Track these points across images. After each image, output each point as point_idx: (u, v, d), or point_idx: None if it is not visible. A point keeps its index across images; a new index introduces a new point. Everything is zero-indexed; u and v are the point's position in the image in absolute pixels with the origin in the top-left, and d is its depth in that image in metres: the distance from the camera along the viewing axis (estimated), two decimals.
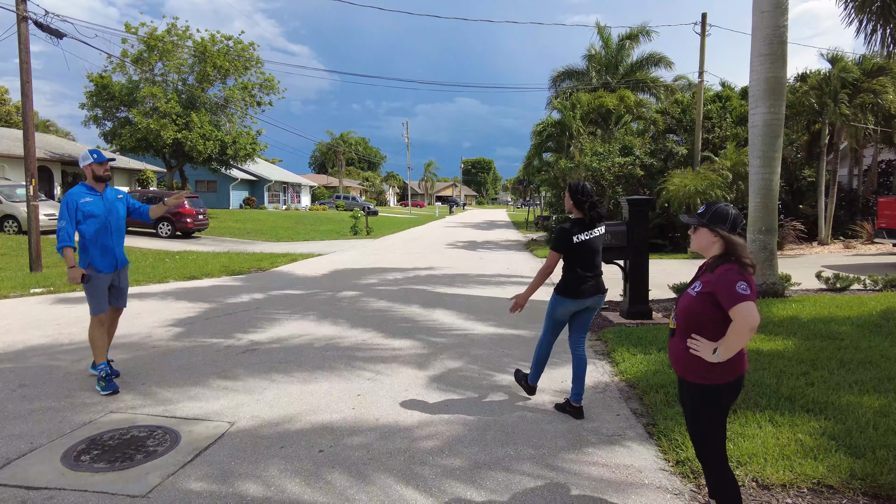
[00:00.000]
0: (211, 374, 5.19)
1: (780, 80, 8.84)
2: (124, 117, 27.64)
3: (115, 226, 4.94)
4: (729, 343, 2.42)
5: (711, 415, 2.60)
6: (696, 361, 2.55)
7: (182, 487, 3.14)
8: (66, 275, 4.75)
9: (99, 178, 4.88)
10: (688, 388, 2.65)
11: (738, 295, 2.40)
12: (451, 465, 3.43)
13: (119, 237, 4.99)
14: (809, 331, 6.41)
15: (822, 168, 18.17)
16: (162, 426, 3.95)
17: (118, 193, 5.10)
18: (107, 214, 4.86)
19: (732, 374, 2.55)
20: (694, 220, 2.65)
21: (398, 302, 8.95)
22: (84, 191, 4.88)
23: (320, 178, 71.72)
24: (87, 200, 4.81)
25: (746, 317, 2.36)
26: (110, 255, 4.87)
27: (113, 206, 4.95)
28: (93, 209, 4.80)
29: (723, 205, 2.63)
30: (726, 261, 2.54)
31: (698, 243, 2.67)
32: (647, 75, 26.85)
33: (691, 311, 2.58)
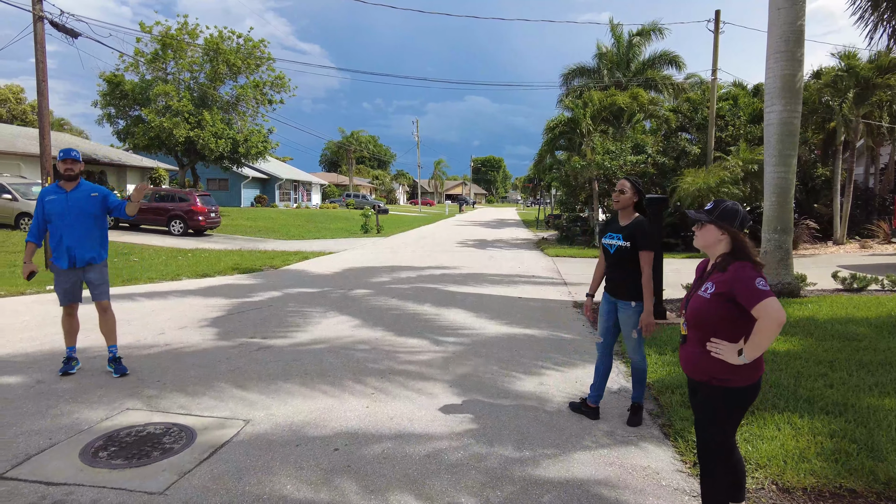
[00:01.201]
0: (225, 372, 5.21)
1: (796, 78, 8.73)
2: (137, 116, 27.86)
3: (73, 225, 4.98)
4: (756, 342, 2.35)
5: (727, 418, 2.55)
6: (717, 365, 2.49)
7: (198, 485, 3.15)
8: None
9: (62, 176, 4.98)
10: (707, 392, 2.57)
11: (761, 292, 2.34)
12: (466, 465, 3.42)
13: (80, 235, 5.00)
14: (826, 331, 6.32)
15: (838, 166, 17.96)
16: (177, 424, 3.97)
17: (93, 191, 5.11)
18: (65, 213, 4.94)
19: (754, 376, 2.50)
20: (702, 216, 2.60)
21: (410, 301, 8.94)
22: (51, 189, 5.05)
23: (331, 176, 71.93)
24: (51, 199, 4.98)
25: (773, 313, 2.30)
26: (66, 252, 4.98)
27: (76, 205, 5.00)
28: (52, 208, 4.96)
29: (731, 202, 2.58)
30: (736, 258, 2.48)
31: (704, 240, 2.61)
32: (659, 73, 26.66)
33: (707, 314, 2.51)
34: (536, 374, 5.23)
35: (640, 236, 3.83)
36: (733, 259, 2.49)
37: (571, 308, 8.41)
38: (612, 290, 4.05)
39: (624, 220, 3.99)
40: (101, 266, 5.17)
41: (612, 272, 4.03)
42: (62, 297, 5.09)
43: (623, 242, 3.89)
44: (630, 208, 3.95)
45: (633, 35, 27.29)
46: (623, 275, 3.93)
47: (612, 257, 4.00)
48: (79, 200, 5.03)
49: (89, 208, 5.07)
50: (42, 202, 4.97)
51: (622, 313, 3.97)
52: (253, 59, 29.03)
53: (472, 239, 23.21)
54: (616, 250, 3.94)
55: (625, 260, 3.90)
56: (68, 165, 4.94)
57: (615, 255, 3.96)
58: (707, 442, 2.60)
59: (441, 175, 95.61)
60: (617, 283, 3.99)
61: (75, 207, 5.00)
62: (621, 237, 3.91)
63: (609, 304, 4.09)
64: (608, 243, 4.01)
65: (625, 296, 3.92)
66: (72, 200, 5.00)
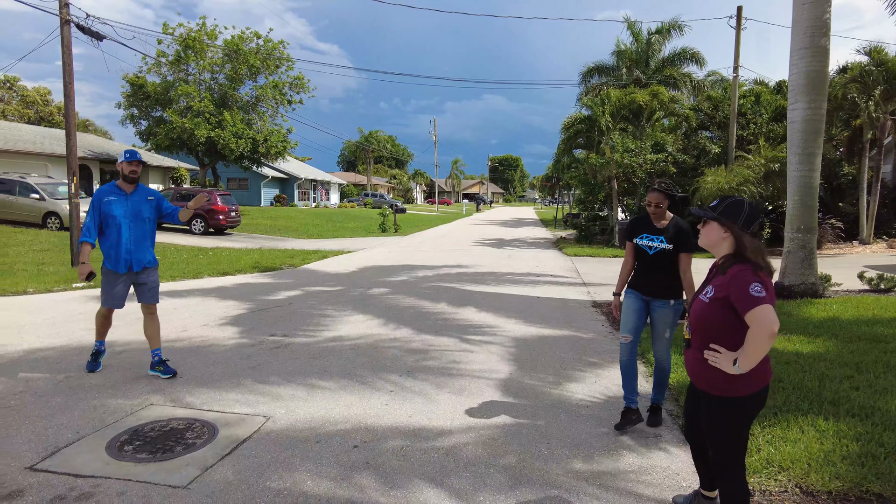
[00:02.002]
0: (246, 368, 5.28)
1: (821, 75, 8.57)
2: (159, 116, 28.35)
3: (134, 228, 4.91)
4: (748, 352, 2.21)
5: (733, 428, 2.42)
6: (717, 373, 2.37)
7: (220, 480, 3.20)
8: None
9: (125, 178, 4.89)
10: (709, 400, 2.47)
11: (753, 298, 2.20)
12: (485, 466, 3.42)
13: (140, 239, 4.95)
14: (852, 333, 6.20)
15: (865, 165, 17.58)
16: (200, 419, 4.04)
17: (149, 195, 5.07)
18: (126, 216, 4.86)
19: (757, 385, 2.36)
20: (706, 212, 2.45)
21: (428, 299, 8.97)
22: (108, 190, 4.91)
23: (349, 175, 72.38)
24: (111, 200, 4.85)
25: (763, 322, 2.16)
26: (124, 256, 4.88)
27: (137, 207, 4.94)
28: (112, 209, 4.83)
29: (739, 198, 2.44)
30: (738, 261, 2.34)
31: (707, 239, 2.46)
32: (679, 71, 26.33)
33: (706, 319, 2.40)
34: (555, 374, 5.21)
35: (683, 238, 3.81)
36: (735, 261, 2.35)
37: (590, 308, 8.36)
38: (647, 290, 3.95)
39: (659, 220, 3.93)
40: (154, 270, 5.13)
41: (650, 273, 3.94)
42: (109, 301, 5.00)
43: (666, 245, 3.84)
44: (662, 208, 3.92)
45: (651, 33, 27.00)
46: (663, 275, 3.88)
47: (650, 258, 3.92)
48: (138, 203, 4.96)
49: (147, 212, 5.01)
50: (99, 203, 4.82)
51: (659, 312, 3.90)
52: (272, 59, 29.36)
53: (489, 238, 23.18)
54: (657, 252, 3.88)
55: (665, 261, 3.86)
56: (134, 167, 4.87)
57: (655, 256, 3.89)
58: (719, 455, 2.49)
59: (458, 174, 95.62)
60: (655, 282, 3.91)
61: (135, 210, 4.93)
62: (664, 239, 3.85)
63: (640, 302, 3.98)
64: (646, 245, 3.93)
65: (664, 294, 3.87)
66: (132, 203, 4.92)
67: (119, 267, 4.89)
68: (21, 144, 24.03)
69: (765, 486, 3.13)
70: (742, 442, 2.46)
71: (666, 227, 3.88)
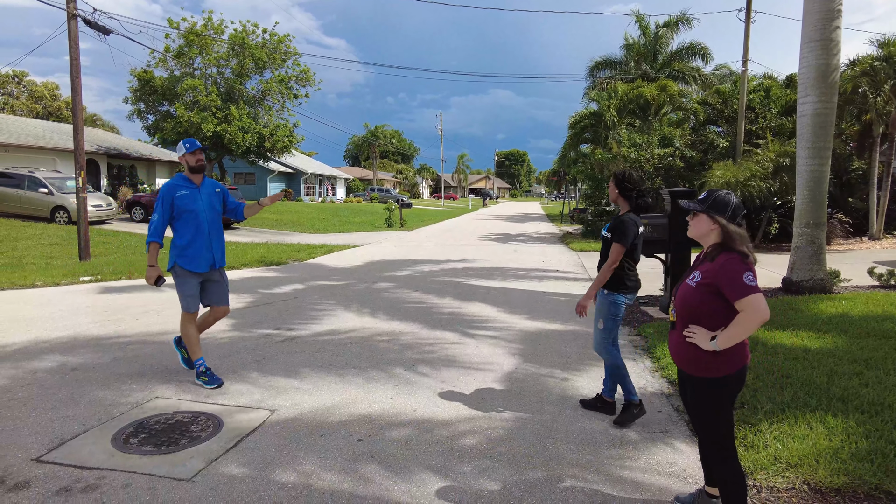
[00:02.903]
0: (251, 362, 5.29)
1: (831, 68, 8.46)
2: (166, 111, 28.42)
3: (212, 221, 4.60)
4: (731, 333, 2.36)
5: (717, 407, 2.53)
6: (699, 353, 2.49)
7: (225, 473, 3.20)
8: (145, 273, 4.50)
9: (193, 169, 4.54)
10: (690, 381, 2.59)
11: (747, 286, 2.33)
12: (489, 460, 3.41)
13: (216, 234, 4.64)
14: (862, 329, 6.14)
15: (875, 159, 17.39)
16: (205, 412, 4.04)
17: (216, 187, 4.74)
18: (202, 209, 4.53)
19: (735, 366, 2.48)
20: (694, 205, 2.57)
21: (434, 294, 8.96)
22: (180, 183, 4.54)
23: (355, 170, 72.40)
24: (183, 193, 4.49)
25: (757, 309, 2.30)
26: (204, 253, 4.53)
27: (208, 200, 4.60)
28: (188, 203, 4.48)
29: (724, 192, 2.55)
30: (725, 250, 2.46)
31: (697, 230, 2.58)
32: (687, 65, 26.12)
33: (690, 303, 2.51)
34: (561, 368, 5.19)
35: (616, 229, 3.90)
36: (723, 250, 2.47)
37: None
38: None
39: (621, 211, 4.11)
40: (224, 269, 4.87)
41: (600, 262, 4.11)
42: (192, 303, 4.59)
43: (605, 233, 3.99)
44: (622, 201, 4.03)
45: (659, 26, 26.79)
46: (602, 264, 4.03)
47: (602, 247, 4.09)
48: (209, 196, 4.63)
49: (217, 205, 4.70)
50: (171, 197, 4.44)
51: (598, 301, 4.05)
52: (278, 53, 29.36)
53: (495, 233, 23.13)
54: (602, 240, 4.05)
55: (606, 250, 3.99)
56: (199, 156, 4.54)
57: (602, 245, 4.07)
58: (707, 436, 2.60)
59: (464, 169, 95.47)
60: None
61: (209, 203, 4.61)
62: (606, 228, 4.02)
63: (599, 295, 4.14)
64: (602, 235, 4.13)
65: (605, 286, 3.99)
66: (204, 195, 4.59)
67: (201, 265, 4.53)
68: (29, 139, 24.16)
69: (772, 482, 3.10)
70: (728, 422, 2.55)
71: (614, 219, 4.02)
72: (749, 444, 3.48)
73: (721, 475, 2.57)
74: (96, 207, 19.16)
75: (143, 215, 22.05)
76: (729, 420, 2.55)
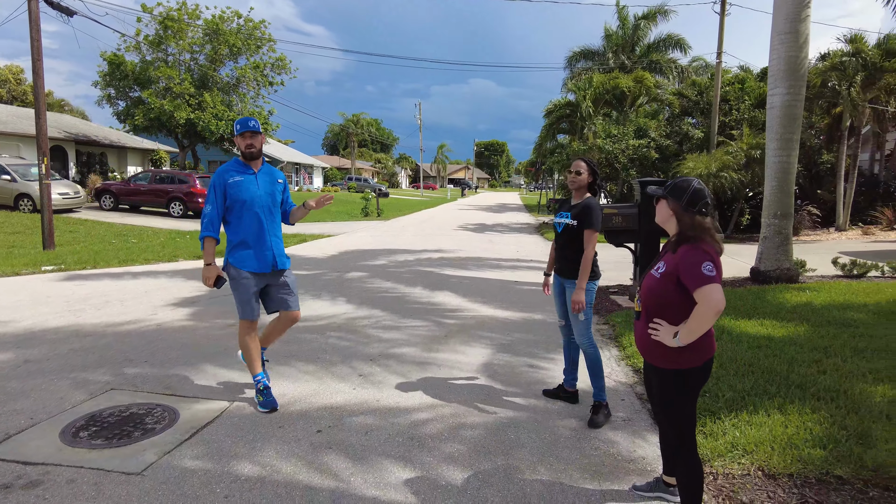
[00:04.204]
0: (213, 352, 5.18)
1: (800, 61, 8.56)
2: (137, 97, 27.68)
3: (270, 214, 3.95)
4: (691, 327, 2.31)
5: (680, 400, 2.50)
6: (661, 346, 2.46)
7: (177, 465, 3.12)
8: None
9: (244, 155, 3.90)
10: (655, 372, 2.56)
11: (703, 276, 2.27)
12: (451, 450, 3.38)
13: (275, 229, 3.99)
14: (823, 318, 6.26)
15: (843, 152, 17.73)
16: (161, 404, 3.94)
17: (278, 176, 4.07)
18: (259, 198, 3.87)
19: (699, 359, 2.44)
20: (657, 190, 2.54)
21: (405, 284, 8.90)
22: (234, 168, 3.90)
23: (332, 159, 71.66)
24: (237, 180, 3.84)
25: (711, 300, 2.24)
26: (263, 250, 3.88)
27: (267, 189, 3.94)
28: (242, 192, 3.82)
29: (687, 179, 2.49)
30: (685, 238, 2.42)
31: (660, 216, 2.56)
32: (664, 57, 26.32)
33: (654, 293, 2.47)
34: (529, 358, 5.18)
35: (587, 215, 3.77)
36: (683, 239, 2.43)
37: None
38: (560, 271, 3.99)
39: (577, 199, 3.93)
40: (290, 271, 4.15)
41: (559, 251, 4.01)
42: (247, 309, 3.89)
43: (570, 221, 3.83)
44: (584, 189, 3.89)
45: (638, 18, 26.91)
46: (569, 254, 3.89)
47: (560, 237, 3.95)
48: (268, 185, 3.96)
49: (277, 195, 4.02)
50: (223, 184, 3.81)
51: (568, 293, 3.92)
52: (253, 40, 28.76)
53: (472, 223, 23.12)
54: (564, 229, 3.89)
55: (571, 239, 3.85)
56: (248, 140, 3.85)
57: (563, 233, 3.91)
58: (671, 428, 2.56)
59: (444, 159, 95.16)
60: (564, 262, 3.94)
61: (268, 192, 3.93)
62: (569, 215, 3.86)
63: (559, 286, 4.04)
64: (557, 222, 3.98)
65: (571, 275, 3.87)
66: (263, 183, 3.93)
67: (262, 265, 3.87)
68: None
69: (728, 469, 3.13)
70: (690, 414, 2.53)
71: (577, 205, 3.88)
72: (708, 431, 3.51)
73: (679, 466, 2.56)
74: (63, 195, 18.64)
75: (113, 204, 21.55)
76: (691, 412, 2.52)
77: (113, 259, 10.78)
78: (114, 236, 15.41)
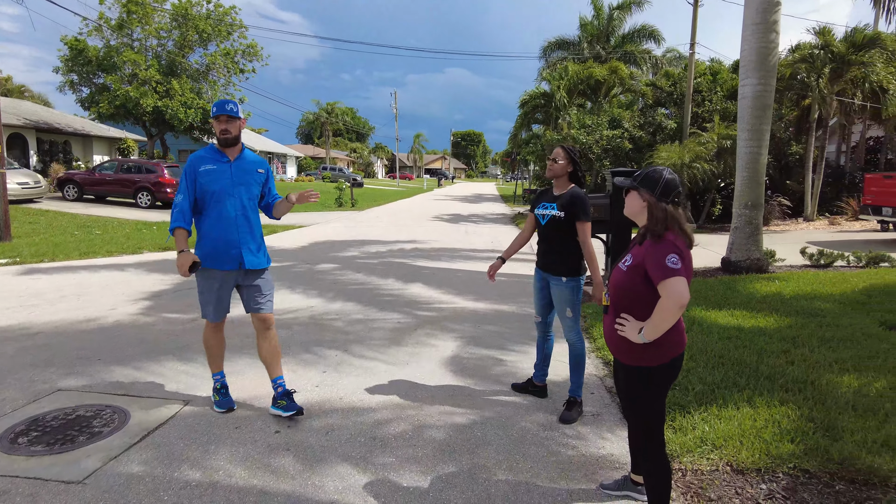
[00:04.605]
0: (172, 348, 4.97)
1: (771, 51, 8.58)
2: (102, 84, 26.77)
3: (241, 207, 3.56)
4: (655, 322, 2.20)
5: (648, 397, 2.39)
6: (627, 342, 2.36)
7: (123, 472, 2.94)
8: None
9: (220, 141, 3.55)
10: (623, 369, 2.45)
11: (668, 269, 2.17)
12: (415, 450, 3.26)
13: (246, 224, 3.58)
14: (792, 307, 6.29)
15: (811, 144, 18.02)
16: (112, 405, 3.74)
17: (259, 165, 3.68)
18: (228, 189, 3.51)
19: (666, 356, 2.33)
20: (627, 181, 2.42)
21: (377, 275, 8.73)
22: (206, 156, 3.56)
23: (307, 148, 70.65)
24: (209, 169, 3.51)
25: (673, 293, 2.14)
26: (229, 248, 3.51)
27: (244, 180, 3.58)
28: (210, 182, 3.48)
29: (657, 169, 2.38)
30: (653, 230, 2.30)
31: (630, 208, 2.42)
32: (638, 47, 26.41)
33: (622, 287, 2.37)
34: (498, 350, 5.09)
35: (578, 206, 3.56)
36: (651, 230, 2.32)
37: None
38: (543, 265, 3.77)
39: (559, 189, 3.71)
40: (267, 268, 3.77)
41: (542, 245, 3.78)
42: (213, 311, 3.61)
43: (557, 212, 3.60)
44: (564, 178, 3.68)
45: (613, 8, 26.93)
46: (555, 248, 3.68)
47: (544, 228, 3.72)
48: (245, 175, 3.59)
49: (255, 187, 3.63)
50: (195, 172, 3.49)
51: (554, 289, 3.71)
52: (224, 25, 28.02)
53: (447, 214, 22.97)
54: (549, 220, 3.66)
55: (558, 231, 3.63)
56: (223, 125, 3.49)
57: (547, 225, 3.68)
58: (639, 425, 2.46)
59: (420, 149, 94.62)
60: (548, 257, 3.73)
61: (238, 182, 3.56)
62: (555, 206, 3.63)
63: (541, 281, 3.84)
64: (541, 213, 3.75)
65: (557, 271, 3.67)
66: (237, 173, 3.57)
67: (224, 262, 3.53)
68: None
69: (697, 465, 3.07)
70: (659, 412, 2.43)
71: (561, 195, 3.67)
72: (678, 426, 3.45)
73: (646, 464, 2.48)
74: (21, 185, 17.96)
75: (77, 194, 20.85)
76: (660, 409, 2.42)
77: (73, 251, 10.38)
78: (77, 227, 14.87)
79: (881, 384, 4.07)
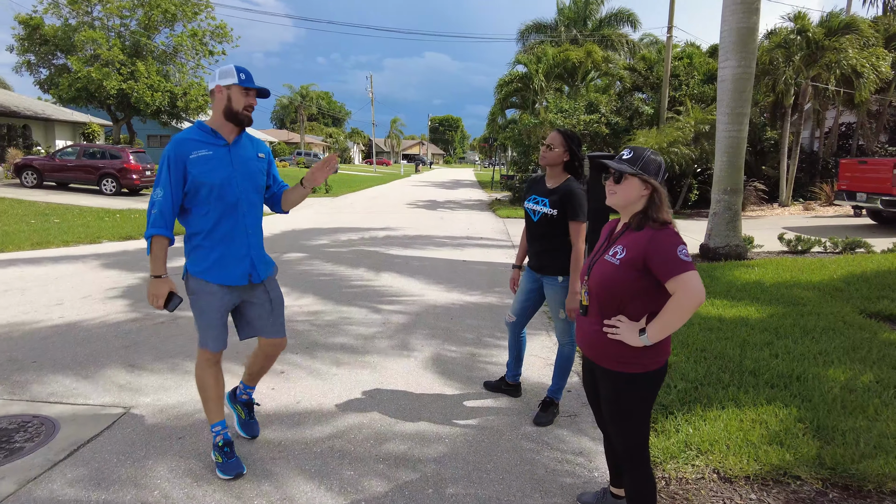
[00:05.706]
0: (118, 349, 4.58)
1: (751, 32, 8.37)
2: (62, 64, 25.62)
3: (250, 204, 2.81)
4: (666, 321, 1.93)
5: (636, 407, 2.10)
6: (618, 346, 2.05)
7: (42, 496, 2.59)
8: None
9: (235, 117, 2.72)
10: (606, 376, 2.13)
11: (681, 262, 1.90)
12: (376, 462, 2.97)
13: (255, 223, 2.86)
14: (772, 296, 6.14)
15: (786, 129, 18.03)
16: (40, 415, 3.37)
17: (259, 150, 2.92)
18: (235, 181, 2.72)
19: (661, 359, 2.07)
20: (624, 166, 2.04)
21: (346, 265, 8.38)
22: (198, 137, 2.70)
23: (281, 133, 69.27)
24: (203, 155, 2.66)
25: (690, 290, 1.87)
26: (237, 255, 2.77)
27: (247, 169, 2.79)
28: (208, 172, 2.65)
29: (646, 150, 2.07)
30: (652, 219, 2.02)
31: (626, 197, 2.06)
32: (615, 31, 26.19)
33: (614, 283, 2.03)
34: (471, 346, 4.81)
35: (572, 204, 3.16)
36: (649, 219, 2.03)
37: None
38: (538, 267, 3.39)
39: (552, 181, 3.29)
40: (275, 277, 3.04)
41: (535, 243, 3.41)
42: (212, 337, 2.78)
43: (549, 210, 3.22)
44: (559, 167, 3.25)
45: None
46: (549, 247, 3.29)
47: (535, 226, 3.34)
48: (248, 162, 2.81)
49: (259, 178, 2.87)
50: (182, 161, 2.63)
51: (549, 290, 3.37)
52: (190, 6, 27.00)
53: (424, 200, 22.60)
54: (541, 218, 3.29)
55: (551, 230, 3.25)
56: (251, 100, 2.76)
57: (539, 224, 3.31)
58: (626, 440, 2.15)
59: (398, 134, 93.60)
60: (543, 258, 3.34)
61: (244, 173, 2.78)
62: (547, 203, 3.24)
63: (534, 283, 3.46)
64: (531, 209, 3.36)
65: (553, 271, 3.31)
66: (237, 160, 2.76)
67: (236, 276, 2.77)
68: None
69: (681, 472, 2.84)
70: (645, 422, 2.14)
71: (555, 189, 3.24)
72: (660, 428, 3.22)
73: (630, 478, 2.19)
74: None
75: (37, 181, 19.95)
76: (646, 420, 2.13)
77: (25, 242, 9.80)
78: (34, 216, 14.16)
79: (867, 378, 3.90)
